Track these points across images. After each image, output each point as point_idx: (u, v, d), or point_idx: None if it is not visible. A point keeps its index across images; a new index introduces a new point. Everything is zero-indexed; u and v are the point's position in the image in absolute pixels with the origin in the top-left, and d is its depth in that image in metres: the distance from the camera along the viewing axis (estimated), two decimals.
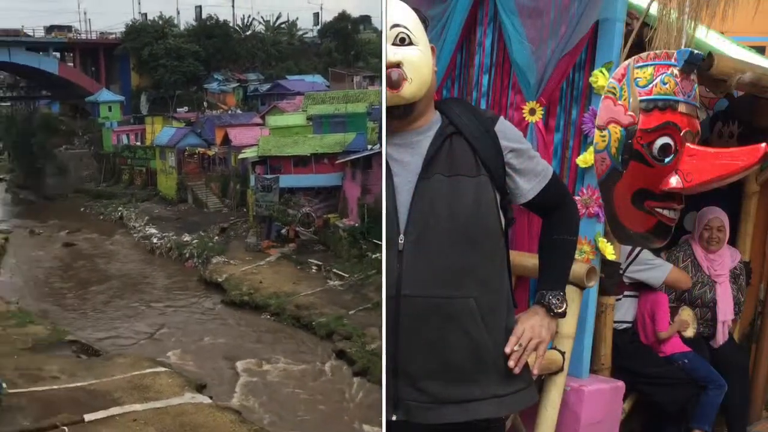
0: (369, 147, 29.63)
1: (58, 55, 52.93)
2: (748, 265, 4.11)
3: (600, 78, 2.92)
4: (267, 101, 44.99)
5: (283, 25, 59.11)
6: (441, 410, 1.96)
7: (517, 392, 2.02)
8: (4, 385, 15.70)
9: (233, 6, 64.25)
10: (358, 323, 22.05)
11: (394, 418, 1.97)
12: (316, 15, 62.33)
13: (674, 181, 2.45)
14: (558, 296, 2.09)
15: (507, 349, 1.99)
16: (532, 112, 3.15)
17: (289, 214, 30.56)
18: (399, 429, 1.97)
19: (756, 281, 4.20)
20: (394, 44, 1.96)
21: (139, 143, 45.63)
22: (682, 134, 2.44)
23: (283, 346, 21.49)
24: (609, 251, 3.03)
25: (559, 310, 2.08)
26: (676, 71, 2.46)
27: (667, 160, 2.45)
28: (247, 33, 57.03)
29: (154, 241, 33.42)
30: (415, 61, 1.96)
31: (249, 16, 61.10)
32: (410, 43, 1.97)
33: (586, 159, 3.00)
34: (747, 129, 3.93)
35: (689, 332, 3.91)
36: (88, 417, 14.73)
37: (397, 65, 1.94)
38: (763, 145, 2.29)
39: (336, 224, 29.27)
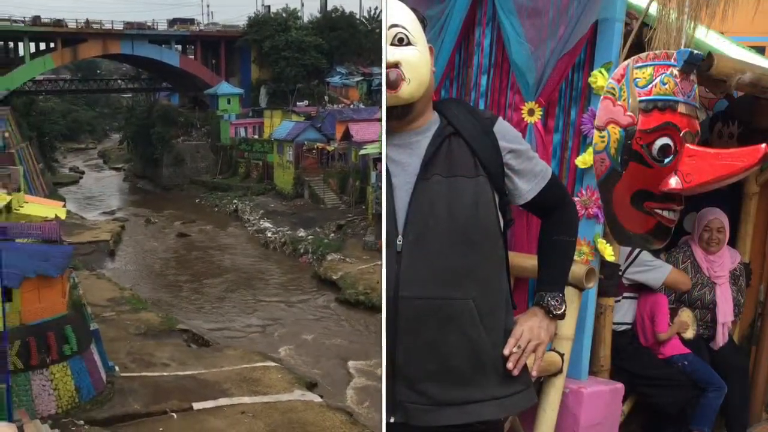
0: None
1: (179, 47, 52.69)
2: (747, 266, 4.10)
3: (599, 78, 2.91)
4: None
5: None
6: (440, 412, 1.94)
7: (515, 394, 2.01)
8: (117, 368, 15.82)
9: None
10: None
11: (392, 420, 1.95)
12: None
13: (674, 181, 2.44)
14: (557, 297, 2.08)
15: (506, 351, 1.98)
16: (531, 112, 3.14)
17: None
18: (398, 431, 1.96)
19: (756, 282, 4.19)
20: (392, 44, 1.94)
21: (256, 136, 45.07)
22: (681, 135, 2.43)
23: None
24: (608, 252, 3.02)
25: (558, 312, 2.07)
26: (675, 71, 2.45)
27: (666, 160, 2.44)
28: (374, 25, 53.84)
29: (269, 235, 32.63)
30: (414, 62, 1.95)
31: (376, 8, 57.85)
32: (408, 43, 1.96)
33: (585, 160, 2.99)
34: (747, 129, 3.91)
35: (689, 334, 3.90)
36: (196, 405, 14.65)
37: (395, 65, 1.92)
38: (763, 145, 2.28)
39: None
